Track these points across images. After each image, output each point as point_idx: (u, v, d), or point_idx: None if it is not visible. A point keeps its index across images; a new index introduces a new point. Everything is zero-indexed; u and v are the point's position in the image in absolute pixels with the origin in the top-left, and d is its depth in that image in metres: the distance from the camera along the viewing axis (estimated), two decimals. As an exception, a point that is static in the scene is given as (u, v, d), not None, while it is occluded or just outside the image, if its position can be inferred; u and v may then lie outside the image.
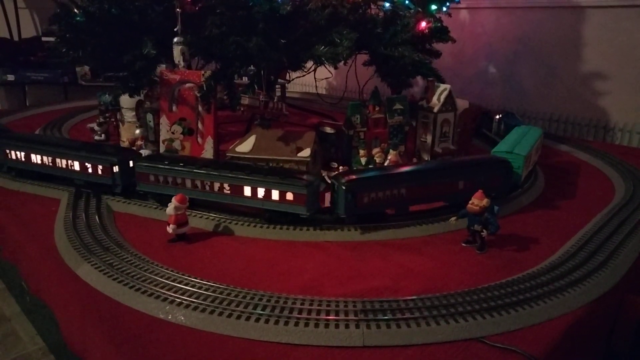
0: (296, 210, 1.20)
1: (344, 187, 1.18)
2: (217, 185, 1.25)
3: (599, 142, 2.30)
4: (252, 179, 1.21)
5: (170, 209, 1.16)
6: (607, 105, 2.40)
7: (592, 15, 2.37)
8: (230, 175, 1.24)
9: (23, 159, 1.52)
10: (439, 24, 1.88)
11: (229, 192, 1.25)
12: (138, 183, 1.35)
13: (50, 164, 1.46)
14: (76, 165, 1.42)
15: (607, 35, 2.33)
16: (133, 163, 1.36)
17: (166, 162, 1.31)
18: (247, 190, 1.23)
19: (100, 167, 1.38)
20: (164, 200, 1.27)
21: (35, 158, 1.49)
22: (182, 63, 1.63)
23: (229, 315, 0.87)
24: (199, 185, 1.27)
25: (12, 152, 1.54)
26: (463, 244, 1.18)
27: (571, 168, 1.82)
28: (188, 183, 1.28)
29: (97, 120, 2.00)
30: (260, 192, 1.21)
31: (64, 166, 1.44)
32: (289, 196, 1.19)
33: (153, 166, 1.31)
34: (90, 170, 1.40)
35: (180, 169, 1.28)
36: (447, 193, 1.32)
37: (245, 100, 1.51)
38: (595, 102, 2.44)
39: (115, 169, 1.36)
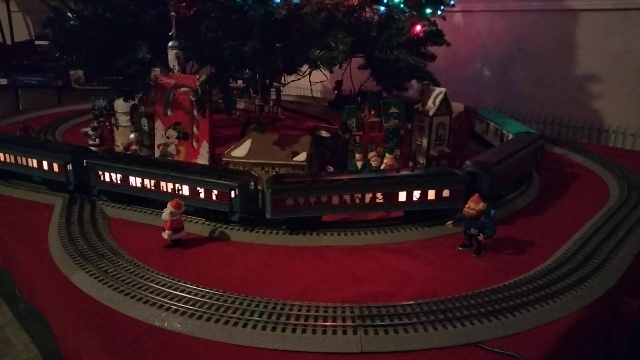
0: (453, 205, 1.24)
1: (486, 173, 1.28)
2: (369, 197, 1.22)
3: (593, 144, 2.31)
4: (408, 183, 1.23)
5: (165, 214, 1.15)
6: (601, 107, 2.42)
7: (585, 19, 2.39)
8: (383, 184, 1.22)
9: (119, 182, 1.36)
10: (434, 27, 1.89)
11: (381, 201, 1.23)
12: (271, 210, 1.20)
13: (153, 188, 1.31)
14: (185, 190, 1.27)
15: (600, 38, 2.35)
16: (269, 189, 1.19)
17: (308, 182, 1.20)
18: (402, 196, 1.23)
19: (215, 192, 1.23)
20: (297, 225, 1.23)
21: (135, 181, 1.34)
22: (176, 67, 1.62)
23: (226, 322, 0.86)
24: (349, 200, 1.22)
25: (106, 174, 1.37)
26: (460, 248, 1.18)
27: (566, 170, 1.82)
28: (335, 200, 1.21)
29: (91, 125, 1.98)
30: (416, 194, 1.24)
31: (169, 190, 1.29)
32: (446, 193, 1.24)
33: (291, 189, 1.19)
34: (202, 195, 1.25)
35: (326, 186, 1.20)
36: (525, 170, 1.54)
37: (241, 105, 1.51)
38: (589, 104, 2.46)
39: (234, 194, 1.21)
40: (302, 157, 1.44)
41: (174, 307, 0.91)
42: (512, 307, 0.91)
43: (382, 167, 1.52)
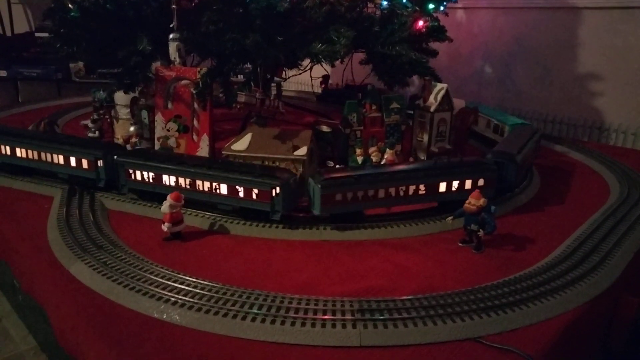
0: (486, 194, 1.24)
1: (512, 162, 1.38)
2: (412, 189, 1.25)
3: (594, 143, 2.31)
4: (448, 173, 1.28)
5: (165, 207, 1.14)
6: (602, 106, 2.42)
7: (587, 17, 2.38)
8: (426, 175, 1.26)
9: (151, 181, 1.32)
10: (436, 23, 1.88)
11: (424, 192, 1.27)
12: (320, 206, 1.18)
13: (189, 187, 1.27)
14: (223, 189, 1.23)
15: (602, 37, 2.34)
16: (318, 184, 1.17)
17: (356, 176, 1.20)
18: (442, 186, 1.29)
19: (255, 191, 1.19)
20: (342, 220, 1.22)
21: (169, 180, 1.29)
22: (177, 60, 1.61)
23: (225, 315, 0.86)
24: (393, 192, 1.23)
25: (137, 173, 1.33)
26: (460, 244, 1.18)
27: (566, 168, 1.82)
28: (381, 193, 1.22)
29: (91, 117, 1.98)
30: (455, 184, 1.29)
31: (206, 189, 1.25)
32: (481, 182, 1.30)
33: (340, 184, 1.18)
34: (242, 194, 1.21)
35: (373, 180, 1.21)
36: (532, 159, 1.65)
37: (242, 98, 1.50)
38: (590, 103, 2.45)
39: (275, 192, 1.18)
40: (302, 151, 1.43)
41: (173, 299, 0.90)
42: (512, 302, 0.91)
43: (382, 163, 1.51)
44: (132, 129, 1.72)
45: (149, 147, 1.69)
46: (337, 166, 1.58)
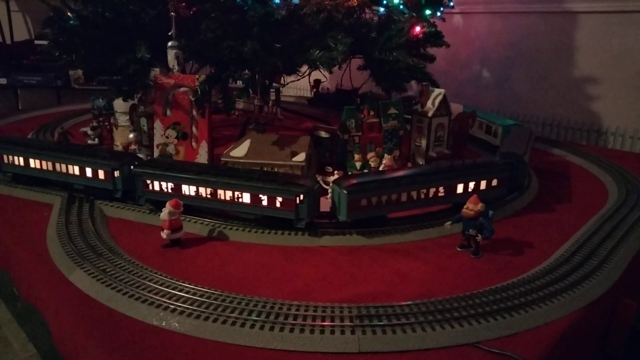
0: (499, 193, 1.37)
1: (521, 163, 1.44)
2: (432, 191, 1.29)
3: (592, 146, 2.31)
4: (466, 174, 1.31)
5: (164, 214, 1.15)
6: (600, 109, 2.42)
7: (584, 21, 2.39)
8: (445, 178, 1.29)
9: (170, 191, 1.29)
10: (433, 29, 1.89)
11: (443, 194, 1.30)
12: (347, 212, 1.18)
13: (209, 196, 1.26)
14: (245, 198, 1.22)
15: (599, 41, 2.36)
16: (344, 190, 1.17)
17: (380, 181, 1.21)
18: (460, 188, 1.31)
19: (279, 199, 1.19)
20: (365, 225, 1.23)
21: (189, 190, 1.27)
22: (176, 67, 1.62)
23: (224, 322, 0.86)
24: (415, 196, 1.26)
25: (155, 183, 1.30)
26: (458, 249, 1.18)
27: (564, 172, 1.83)
28: (404, 197, 1.24)
29: (91, 125, 1.98)
30: (471, 185, 1.32)
31: (228, 199, 1.24)
32: (494, 182, 1.34)
33: (365, 190, 1.19)
34: (265, 203, 1.20)
35: (396, 184, 1.23)
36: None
37: (240, 104, 1.51)
38: (587, 106, 2.46)
39: (299, 200, 1.17)
40: (300, 157, 1.44)
41: (172, 306, 0.90)
42: (510, 307, 0.91)
43: (381, 168, 1.52)
44: (131, 136, 1.73)
45: (148, 154, 1.70)
46: (336, 172, 1.58)
